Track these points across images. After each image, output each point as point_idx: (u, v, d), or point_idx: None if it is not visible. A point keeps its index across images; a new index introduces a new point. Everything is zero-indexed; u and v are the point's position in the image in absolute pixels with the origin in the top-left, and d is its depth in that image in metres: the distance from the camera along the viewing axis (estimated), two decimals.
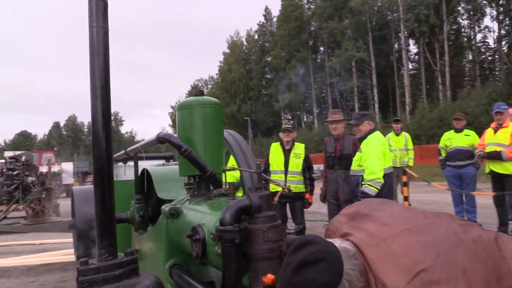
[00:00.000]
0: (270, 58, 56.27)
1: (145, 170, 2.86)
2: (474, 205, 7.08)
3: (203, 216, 1.86)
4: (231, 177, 3.73)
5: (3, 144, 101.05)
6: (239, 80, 61.52)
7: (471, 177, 6.96)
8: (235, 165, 2.88)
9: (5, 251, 7.06)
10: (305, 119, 57.17)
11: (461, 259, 1.14)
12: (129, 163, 3.83)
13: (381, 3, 44.83)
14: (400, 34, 41.41)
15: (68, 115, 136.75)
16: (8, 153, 16.70)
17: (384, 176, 4.29)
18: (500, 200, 5.98)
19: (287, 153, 5.35)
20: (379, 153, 4.30)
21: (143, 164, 5.24)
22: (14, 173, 11.96)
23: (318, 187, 5.68)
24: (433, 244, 1.17)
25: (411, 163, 8.56)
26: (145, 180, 2.80)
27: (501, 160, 5.80)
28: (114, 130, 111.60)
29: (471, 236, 1.23)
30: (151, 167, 3.09)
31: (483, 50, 45.54)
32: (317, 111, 51.09)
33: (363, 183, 4.32)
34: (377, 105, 41.77)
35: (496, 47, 42.53)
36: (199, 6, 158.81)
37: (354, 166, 4.54)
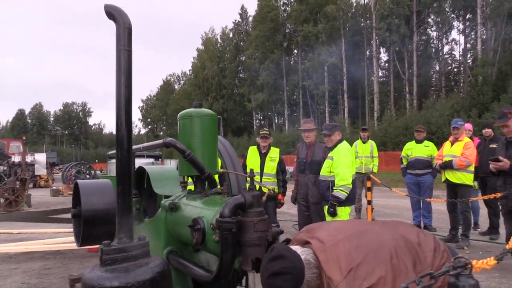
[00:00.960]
0: (244, 57, 56.51)
1: (142, 168, 3.21)
2: (430, 210, 7.75)
3: (201, 210, 2.23)
4: None
5: None
6: (212, 78, 61.52)
7: (428, 185, 7.59)
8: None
9: None
10: (276, 121, 57.81)
11: (386, 254, 1.65)
12: None
13: (355, 10, 46.03)
14: (372, 42, 42.59)
15: (34, 102, 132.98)
16: None
17: (352, 182, 4.80)
18: (452, 206, 6.59)
19: (263, 156, 5.79)
20: (349, 161, 4.79)
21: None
22: None
23: (290, 189, 6.12)
24: (364, 246, 1.69)
25: (375, 170, 9.13)
26: (146, 177, 3.13)
27: (452, 169, 6.41)
28: (82, 121, 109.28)
29: (395, 236, 1.75)
30: (141, 165, 3.44)
31: (449, 61, 47.46)
32: (288, 113, 51.79)
33: (334, 188, 4.77)
34: (346, 110, 42.80)
35: (462, 59, 44.40)
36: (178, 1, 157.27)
37: (325, 172, 4.99)
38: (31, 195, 11.91)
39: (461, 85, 43.96)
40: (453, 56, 47.32)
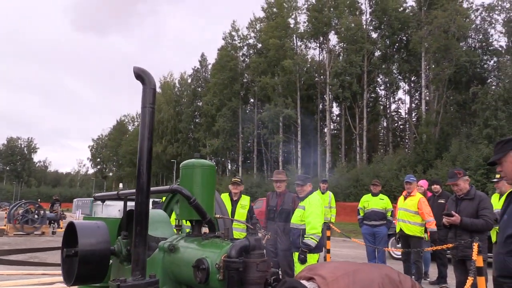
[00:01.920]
0: (201, 103, 57.24)
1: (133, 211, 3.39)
2: (384, 260, 8.19)
3: (204, 251, 2.46)
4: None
5: None
6: (168, 121, 61.58)
7: (383, 236, 8.08)
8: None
9: None
10: (229, 167, 58.11)
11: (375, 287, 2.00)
12: (106, 202, 4.25)
13: (310, 65, 48.41)
14: (325, 96, 44.65)
15: None
16: None
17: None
18: (406, 256, 7.06)
19: (234, 203, 6.04)
20: (320, 211, 5.17)
21: (116, 204, 5.66)
22: None
23: None
24: (358, 281, 2.03)
25: (333, 220, 9.58)
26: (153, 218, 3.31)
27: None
28: (26, 157, 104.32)
29: (382, 275, 2.12)
30: (121, 208, 3.62)
31: (396, 119, 50.43)
32: (242, 160, 52.33)
33: (305, 236, 5.07)
34: (299, 160, 43.90)
35: (407, 118, 47.33)
36: (135, 40, 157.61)
37: (296, 221, 5.29)
38: None
39: (406, 141, 46.59)
40: (399, 114, 50.49)
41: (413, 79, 45.50)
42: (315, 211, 5.11)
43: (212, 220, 2.76)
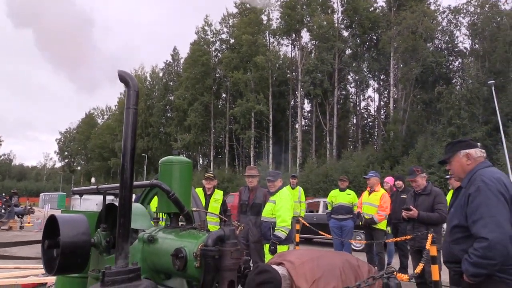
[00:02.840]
0: (173, 97, 56.81)
1: (112, 204, 3.56)
2: (350, 251, 8.59)
3: (182, 241, 2.68)
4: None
5: None
6: (139, 115, 60.76)
7: (349, 229, 8.47)
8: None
9: None
10: (200, 162, 58.02)
11: (337, 271, 2.34)
12: (84, 196, 4.39)
13: (282, 62, 48.85)
14: (297, 93, 45.18)
15: None
16: None
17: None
18: (369, 248, 7.47)
19: (208, 197, 6.26)
20: (290, 205, 5.45)
21: (93, 198, 5.78)
22: None
23: None
24: (322, 266, 2.37)
25: (302, 214, 9.90)
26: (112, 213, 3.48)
27: (375, 223, 7.33)
28: None
29: (343, 260, 2.48)
30: (99, 201, 3.79)
31: (365, 116, 51.55)
32: (213, 155, 52.36)
33: (276, 228, 5.33)
34: (271, 155, 44.32)
35: (376, 115, 48.46)
36: (107, 30, 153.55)
37: (267, 214, 5.56)
38: None
39: (375, 138, 47.73)
40: (368, 111, 51.63)
41: (382, 77, 46.66)
42: (285, 205, 5.38)
43: (189, 212, 2.98)
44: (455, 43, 40.30)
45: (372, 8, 43.92)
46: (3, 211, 15.94)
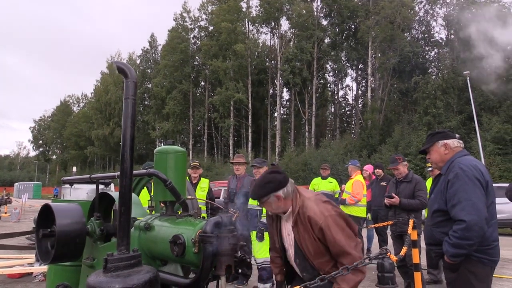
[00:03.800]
0: (151, 85, 56.14)
1: (105, 194, 3.60)
2: None
3: (179, 228, 2.76)
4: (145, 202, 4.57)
5: None
6: (115, 103, 59.86)
7: None
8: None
9: None
10: None
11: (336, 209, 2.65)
12: (74, 185, 4.40)
13: (262, 50, 48.77)
14: (276, 81, 45.27)
15: None
16: None
17: None
18: None
19: (194, 186, 6.32)
20: None
21: (84, 187, 5.74)
22: None
23: None
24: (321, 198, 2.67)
25: None
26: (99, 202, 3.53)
27: (346, 205, 7.60)
28: None
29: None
30: (91, 190, 3.83)
31: (343, 105, 52.10)
32: (192, 143, 52.14)
33: (262, 215, 5.43)
34: (250, 144, 44.45)
35: (354, 104, 49.05)
36: (82, 16, 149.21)
37: (253, 202, 5.65)
38: None
39: (353, 127, 48.35)
40: (346, 100, 52.18)
41: (360, 66, 47.16)
42: None
43: (185, 201, 3.06)
44: (431, 33, 41.03)
45: None
46: None
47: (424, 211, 6.00)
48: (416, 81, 32.65)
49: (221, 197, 12.28)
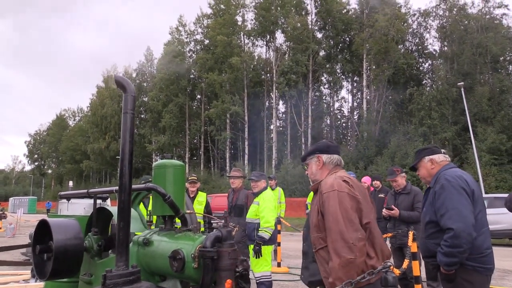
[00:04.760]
0: (147, 98, 56.21)
1: (103, 208, 3.57)
2: None
3: (179, 243, 2.73)
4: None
5: None
6: (111, 117, 59.77)
7: None
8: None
9: None
10: None
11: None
12: (72, 200, 4.36)
13: (257, 63, 49.04)
14: (272, 94, 45.44)
15: None
16: None
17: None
18: None
19: (191, 200, 6.28)
20: (273, 206, 5.54)
21: (81, 202, 5.69)
22: None
23: None
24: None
25: (282, 215, 10.02)
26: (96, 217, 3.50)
27: None
28: None
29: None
30: (87, 205, 3.80)
31: (339, 117, 52.30)
32: (188, 157, 52.04)
33: (260, 229, 5.41)
34: (247, 156, 44.41)
35: (349, 116, 49.23)
36: (78, 29, 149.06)
37: (251, 215, 5.63)
38: None
39: (349, 139, 48.47)
40: (342, 112, 52.41)
41: (355, 79, 47.44)
42: (268, 206, 5.49)
43: (184, 215, 3.03)
44: (425, 45, 41.43)
45: (345, 10, 44.64)
46: None
47: None
48: (411, 92, 32.87)
49: None
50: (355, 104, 49.76)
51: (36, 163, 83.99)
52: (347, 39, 44.70)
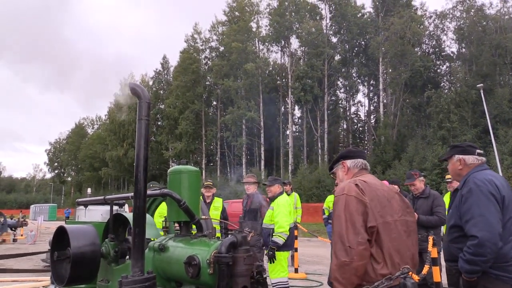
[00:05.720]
0: (163, 106, 56.73)
1: (119, 215, 3.59)
2: None
3: (194, 249, 2.72)
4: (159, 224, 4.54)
5: None
6: (129, 124, 60.42)
7: None
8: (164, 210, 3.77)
9: None
10: None
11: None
12: (89, 207, 4.40)
13: (272, 69, 49.11)
14: (287, 99, 45.39)
15: None
16: None
17: (289, 230, 5.48)
18: None
19: (207, 206, 6.30)
20: (287, 211, 5.50)
21: (98, 208, 5.76)
22: None
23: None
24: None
25: (299, 220, 9.95)
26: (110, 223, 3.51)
27: None
28: None
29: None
30: (103, 211, 3.81)
31: (355, 121, 51.91)
32: (205, 163, 52.24)
33: (274, 234, 5.39)
34: (263, 162, 44.38)
35: (366, 120, 48.82)
36: (95, 38, 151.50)
37: (267, 221, 5.62)
38: None
39: (366, 143, 48.04)
40: (358, 116, 52.00)
41: (371, 82, 47.07)
42: (282, 211, 5.46)
43: (200, 221, 3.02)
44: (442, 48, 40.90)
45: (360, 14, 44.45)
46: None
47: (443, 228, 5.86)
48: (428, 95, 32.44)
49: None
50: (371, 108, 49.34)
51: (56, 171, 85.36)
52: (363, 42, 44.44)
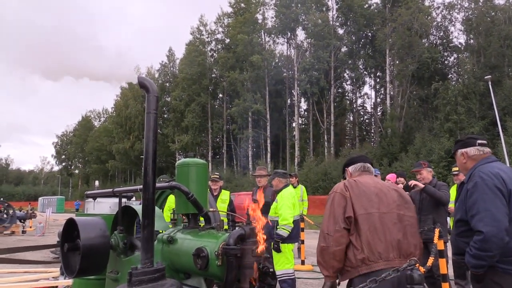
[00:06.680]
0: (169, 98, 56.81)
1: (128, 207, 3.63)
2: None
3: (202, 241, 2.75)
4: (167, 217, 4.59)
5: None
6: (135, 117, 60.65)
7: None
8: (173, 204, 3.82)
9: None
10: None
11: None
12: (98, 199, 4.45)
13: (278, 61, 48.93)
14: (293, 91, 45.25)
15: None
16: None
17: (293, 222, 5.50)
18: None
19: (215, 198, 6.32)
20: (290, 203, 5.53)
21: (107, 201, 5.81)
22: None
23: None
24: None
25: (305, 212, 9.98)
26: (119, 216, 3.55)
27: None
28: None
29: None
30: (112, 204, 3.85)
31: (362, 113, 51.70)
32: (211, 155, 52.36)
33: (278, 227, 5.43)
34: (269, 154, 44.40)
35: (372, 112, 48.61)
36: (99, 30, 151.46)
37: (272, 213, 5.66)
38: None
39: (372, 135, 47.87)
40: (365, 108, 51.78)
41: (378, 74, 46.80)
42: (286, 203, 5.50)
43: (207, 213, 3.05)
44: (450, 39, 40.52)
45: (367, 5, 44.04)
46: (5, 216, 15.96)
47: (449, 220, 5.86)
48: (436, 87, 32.20)
49: None
50: (378, 100, 49.07)
51: (63, 164, 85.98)
52: (369, 34, 44.10)
